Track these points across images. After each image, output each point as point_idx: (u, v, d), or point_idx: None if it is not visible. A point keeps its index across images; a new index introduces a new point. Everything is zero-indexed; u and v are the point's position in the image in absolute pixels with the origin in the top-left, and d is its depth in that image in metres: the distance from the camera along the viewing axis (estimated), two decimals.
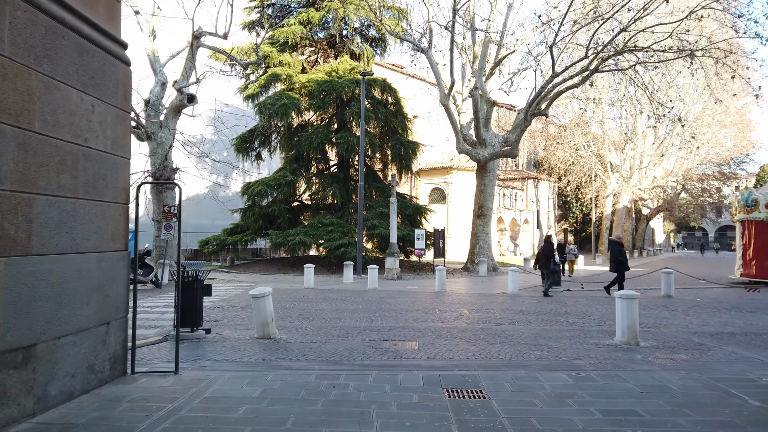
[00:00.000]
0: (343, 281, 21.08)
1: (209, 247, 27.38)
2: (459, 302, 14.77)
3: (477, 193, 27.56)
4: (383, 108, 27.81)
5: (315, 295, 16.11)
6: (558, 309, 13.48)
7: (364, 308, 13.26)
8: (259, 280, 22.10)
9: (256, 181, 27.42)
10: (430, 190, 44.10)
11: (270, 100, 26.00)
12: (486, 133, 26.17)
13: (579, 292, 18.24)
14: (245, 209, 27.57)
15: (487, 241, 27.22)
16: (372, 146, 26.92)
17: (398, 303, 14.37)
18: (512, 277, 17.66)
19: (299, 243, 24.42)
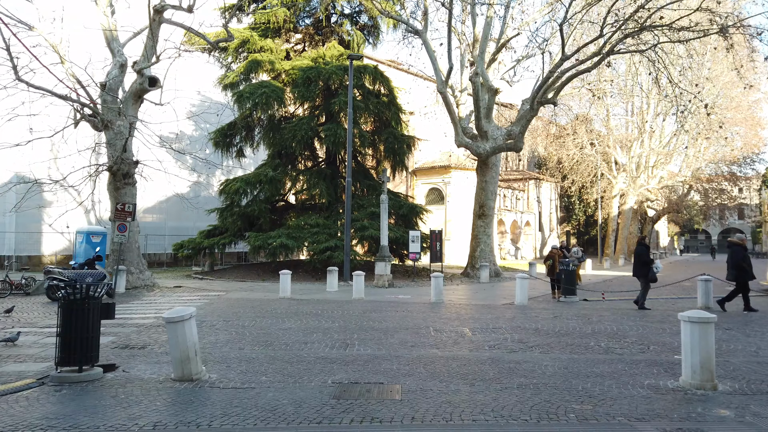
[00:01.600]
0: (326, 289, 18.35)
1: (184, 251, 24.63)
2: (458, 317, 12.02)
3: (477, 191, 24.85)
4: (374, 98, 25.13)
5: (287, 308, 13.36)
6: (582, 327, 10.74)
7: (341, 327, 10.52)
8: (232, 288, 19.36)
9: (234, 178, 24.72)
10: (427, 191, 41.41)
11: (249, 88, 23.31)
12: (488, 124, 23.48)
13: (599, 304, 15.50)
14: (223, 209, 24.86)
15: (489, 243, 24.49)
16: (362, 140, 24.20)
17: (385, 318, 11.63)
18: (521, 286, 14.94)
19: (280, 246, 21.69)
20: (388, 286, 19.56)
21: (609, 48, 19.90)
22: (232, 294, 17.20)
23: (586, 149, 43.38)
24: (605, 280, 25.50)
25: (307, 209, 25.60)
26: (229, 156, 26.98)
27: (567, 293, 16.07)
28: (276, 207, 26.63)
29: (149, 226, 31.50)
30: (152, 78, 18.17)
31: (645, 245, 14.98)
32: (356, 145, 24.97)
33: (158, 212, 32.38)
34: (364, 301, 15.37)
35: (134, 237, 18.24)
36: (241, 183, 23.75)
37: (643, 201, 49.90)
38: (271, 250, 22.06)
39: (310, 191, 23.85)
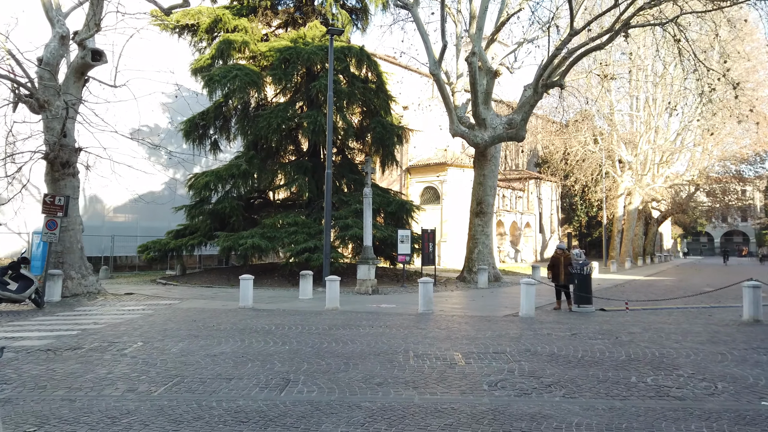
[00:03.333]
0: (298, 297, 15.63)
1: (149, 254, 21.88)
2: (449, 335, 9.29)
3: (475, 186, 22.14)
4: (361, 84, 22.44)
5: (236, 323, 10.64)
6: (612, 351, 8.01)
7: (291, 352, 7.80)
8: (192, 295, 16.62)
9: (203, 172, 22.01)
10: (422, 190, 38.70)
11: (220, 71, 20.61)
12: (486, 111, 20.79)
13: (621, 315, 12.76)
14: (191, 207, 22.14)
15: (487, 244, 21.78)
16: (347, 130, 21.46)
17: (354, 338, 8.90)
18: (526, 293, 12.22)
19: (252, 247, 18.97)
20: (371, 293, 16.84)
21: (624, 21, 17.25)
22: (186, 303, 14.47)
23: (590, 146, 40.70)
24: (616, 285, 22.79)
25: (286, 207, 22.89)
26: (202, 149, 24.25)
27: (581, 302, 13.35)
28: (253, 204, 23.93)
29: (119, 226, 28.79)
30: (96, 51, 15.50)
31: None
32: (340, 136, 22.27)
33: (130, 211, 29.66)
34: (338, 312, 12.65)
35: (75, 236, 15.51)
36: (211, 177, 21.03)
37: (649, 201, 47.27)
38: (241, 251, 19.36)
39: (289, 187, 21.12)
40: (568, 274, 13.57)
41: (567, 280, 13.62)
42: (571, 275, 13.63)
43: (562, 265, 13.74)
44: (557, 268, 13.86)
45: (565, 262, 13.67)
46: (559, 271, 13.77)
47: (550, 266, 14.35)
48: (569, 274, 13.56)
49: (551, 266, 14.21)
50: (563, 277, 13.66)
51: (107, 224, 27.93)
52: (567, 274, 13.59)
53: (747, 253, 79.13)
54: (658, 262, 51.08)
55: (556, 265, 13.90)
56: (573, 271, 13.60)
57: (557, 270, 13.85)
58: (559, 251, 14.10)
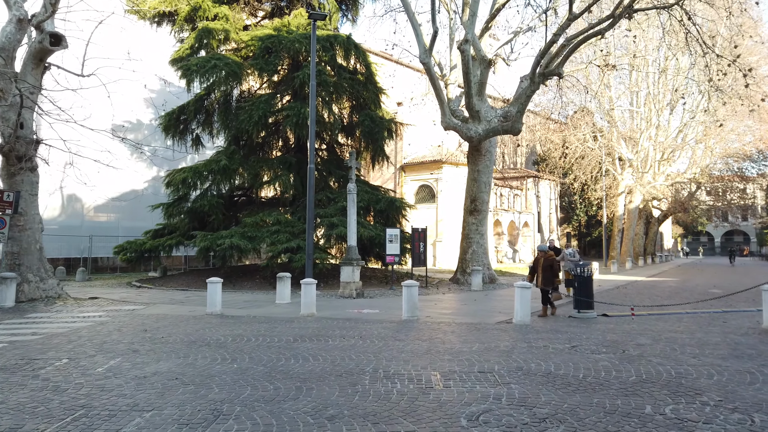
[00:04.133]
0: (275, 302, 14.38)
1: (125, 255, 20.61)
2: (430, 349, 8.03)
3: (469, 182, 20.89)
4: (348, 75, 21.18)
5: (192, 332, 9.38)
6: (620, 369, 6.75)
7: (238, 372, 6.54)
8: (163, 299, 15.37)
9: (181, 168, 20.74)
10: (417, 188, 37.45)
11: (198, 61, 19.34)
12: (480, 103, 19.53)
13: (626, 322, 11.49)
14: (169, 205, 20.88)
15: (482, 244, 20.52)
16: (333, 123, 20.16)
17: (319, 353, 7.65)
18: (521, 297, 10.96)
19: (230, 248, 17.71)
20: (356, 296, 15.57)
21: (626, 4, 16.00)
22: (150, 309, 13.21)
23: (589, 143, 39.43)
24: (618, 287, 21.53)
25: (271, 205, 21.62)
26: (183, 144, 22.97)
27: (582, 307, 12.08)
28: (236, 202, 22.68)
29: (100, 226, 27.55)
30: (54, 35, 14.22)
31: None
32: (327, 130, 20.99)
33: (112, 211, 28.43)
34: (313, 319, 11.39)
35: (33, 236, 14.23)
36: (189, 173, 19.77)
37: (650, 200, 46.00)
38: (219, 252, 18.08)
39: (272, 183, 19.84)
40: (550, 278, 12.09)
41: (545, 284, 12.12)
42: (572, 278, 12.37)
43: (540, 268, 12.28)
44: (536, 271, 12.46)
45: (545, 264, 12.17)
46: (538, 274, 12.32)
47: (530, 270, 12.91)
48: (551, 278, 12.09)
49: (531, 270, 12.81)
50: (540, 281, 12.19)
51: (86, 224, 26.67)
52: (547, 277, 12.09)
53: (749, 253, 77.86)
54: (659, 262, 49.83)
55: (535, 268, 12.53)
56: (573, 272, 12.34)
57: (536, 273, 12.43)
58: (540, 253, 12.60)
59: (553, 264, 12.20)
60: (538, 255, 12.64)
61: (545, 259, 12.27)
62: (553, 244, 17.26)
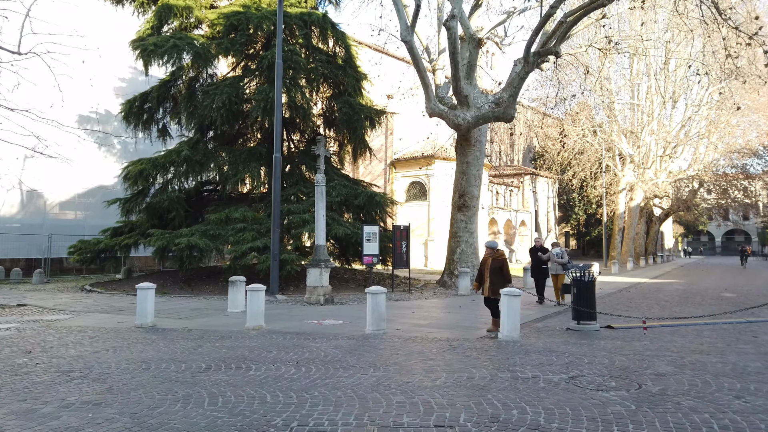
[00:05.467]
0: (227, 310, 12.34)
1: (80, 255, 18.54)
2: (381, 382, 5.98)
3: (457, 175, 18.85)
4: (324, 57, 19.14)
5: (85, 355, 7.35)
6: (637, 418, 4.70)
7: (89, 425, 4.49)
8: (103, 306, 13.34)
9: (138, 159, 18.66)
10: (408, 185, 35.40)
11: (156, 40, 17.29)
12: (469, 87, 17.50)
13: (638, 337, 9.43)
14: (126, 201, 18.86)
15: (472, 243, 18.47)
16: (306, 109, 18.03)
17: (229, 388, 5.62)
18: (509, 307, 8.89)
19: (188, 247, 15.68)
20: (324, 303, 13.52)
21: None
22: (76, 319, 11.17)
23: (588, 137, 37.38)
24: (620, 290, 19.51)
25: (242, 201, 19.56)
26: (148, 135, 20.93)
27: (582, 318, 10.04)
28: (204, 198, 20.63)
29: (65, 224, 25.48)
30: None
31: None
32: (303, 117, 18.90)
33: (78, 208, 26.39)
34: (257, 333, 9.35)
35: None
36: (147, 165, 17.72)
37: (651, 198, 43.96)
38: (177, 252, 16.04)
39: (239, 177, 17.78)
40: (501, 284, 9.24)
41: (494, 292, 9.32)
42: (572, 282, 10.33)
43: (488, 272, 9.47)
44: (483, 275, 9.65)
45: (493, 266, 9.42)
46: (484, 279, 9.53)
47: (477, 274, 9.99)
48: (501, 284, 9.24)
49: (478, 274, 9.91)
50: (488, 288, 9.42)
51: (49, 222, 24.62)
52: (497, 283, 9.31)
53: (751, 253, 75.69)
54: (661, 263, 47.77)
55: (482, 272, 9.70)
56: (574, 275, 10.29)
57: (483, 278, 9.62)
58: (487, 252, 9.70)
59: (503, 266, 9.46)
60: (485, 255, 9.76)
61: (494, 260, 9.50)
62: (539, 242, 14.91)
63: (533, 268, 14.49)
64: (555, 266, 13.85)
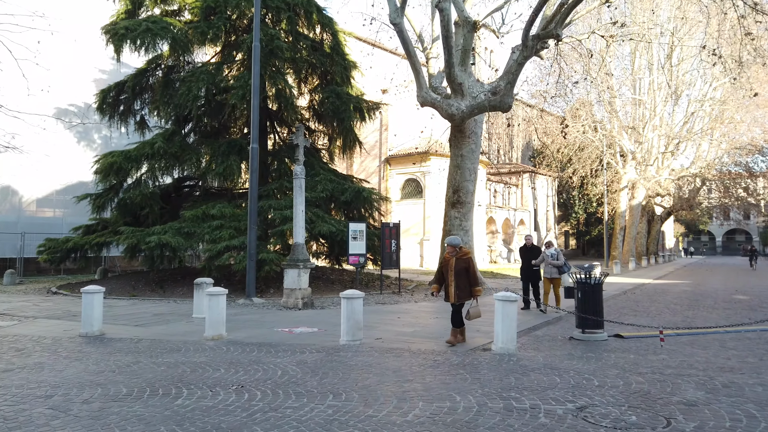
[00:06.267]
0: (192, 315, 11.06)
1: (47, 255, 17.25)
2: (337, 417, 4.71)
3: (451, 169, 17.57)
4: (309, 42, 17.86)
5: None
6: None
7: None
8: (59, 312, 12.06)
9: (110, 152, 17.38)
10: (403, 182, 34.11)
11: (127, 24, 16.01)
12: (463, 74, 16.21)
13: (653, 349, 8.15)
14: (97, 196, 17.59)
15: (467, 242, 17.16)
16: (288, 98, 16.69)
17: (133, 420, 4.35)
18: (503, 315, 7.61)
19: (159, 246, 14.40)
20: (302, 307, 12.24)
21: None
22: (22, 326, 9.91)
23: (589, 133, 36.09)
24: (625, 291, 18.25)
25: (222, 197, 18.28)
26: (125, 126, 19.65)
27: (588, 326, 8.77)
28: (182, 194, 19.36)
29: (43, 222, 24.17)
30: None
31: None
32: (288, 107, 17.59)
33: (56, 205, 25.07)
34: (214, 344, 8.07)
35: None
36: (118, 158, 16.44)
37: (652, 196, 42.67)
38: (147, 251, 14.78)
39: (216, 170, 16.48)
40: (466, 288, 7.92)
41: (459, 296, 7.92)
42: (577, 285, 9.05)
43: (451, 273, 7.96)
44: (443, 277, 8.18)
45: (458, 267, 7.90)
46: (448, 283, 8.02)
47: (436, 276, 8.49)
48: (467, 288, 7.92)
49: (437, 275, 8.42)
50: (453, 293, 7.94)
51: (24, 220, 23.32)
52: (462, 287, 7.90)
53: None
54: (662, 263, 46.46)
55: (442, 274, 8.23)
56: (579, 279, 9.02)
57: (446, 282, 8.10)
58: (449, 250, 8.21)
59: (470, 267, 8.02)
60: (446, 254, 8.27)
61: (458, 260, 7.97)
62: (529, 240, 12.76)
63: (523, 270, 12.51)
64: (549, 269, 11.90)
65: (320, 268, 19.63)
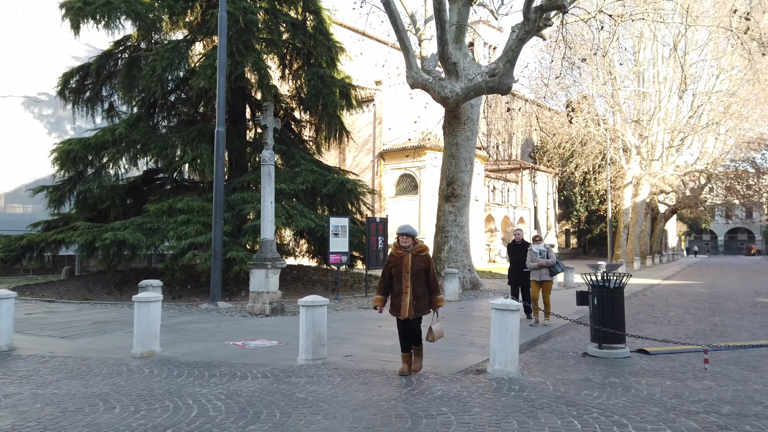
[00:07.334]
0: None
1: (4, 253, 15.52)
2: None
3: (445, 159, 15.89)
4: (288, 19, 16.15)
5: None
6: None
7: None
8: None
9: (68, 140, 15.67)
10: (397, 178, 32.39)
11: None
12: (458, 53, 14.53)
13: (691, 368, 6.44)
14: (54, 189, 15.89)
15: (462, 239, 15.51)
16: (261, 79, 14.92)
17: None
18: (501, 328, 5.90)
19: (114, 244, 12.71)
20: (270, 313, 10.52)
21: None
22: None
23: (591, 127, 34.38)
24: (635, 293, 16.57)
25: (190, 188, 16.59)
26: (92, 113, 17.93)
27: (606, 340, 7.07)
28: (152, 186, 17.65)
29: (12, 219, 22.41)
30: None
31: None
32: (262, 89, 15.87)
33: (27, 201, 23.28)
34: (137, 365, 6.37)
35: None
36: (76, 146, 14.74)
37: (656, 194, 40.96)
38: (102, 249, 13.09)
39: (184, 160, 14.77)
40: (425, 297, 5.76)
41: (418, 308, 5.71)
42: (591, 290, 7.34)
43: (407, 276, 5.69)
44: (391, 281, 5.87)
45: (415, 267, 5.69)
46: (402, 290, 5.70)
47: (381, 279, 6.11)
48: (426, 297, 5.76)
49: (383, 279, 6.04)
50: (409, 304, 5.66)
51: None
52: (421, 296, 5.72)
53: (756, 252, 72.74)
54: (667, 262, 44.75)
55: (390, 277, 5.87)
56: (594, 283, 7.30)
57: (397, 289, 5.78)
58: (402, 240, 5.81)
59: (430, 267, 5.81)
60: (394, 248, 5.86)
61: (415, 258, 5.71)
62: (520, 236, 10.48)
63: (512, 271, 10.35)
64: (538, 269, 9.62)
65: (302, 268, 17.94)
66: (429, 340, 5.87)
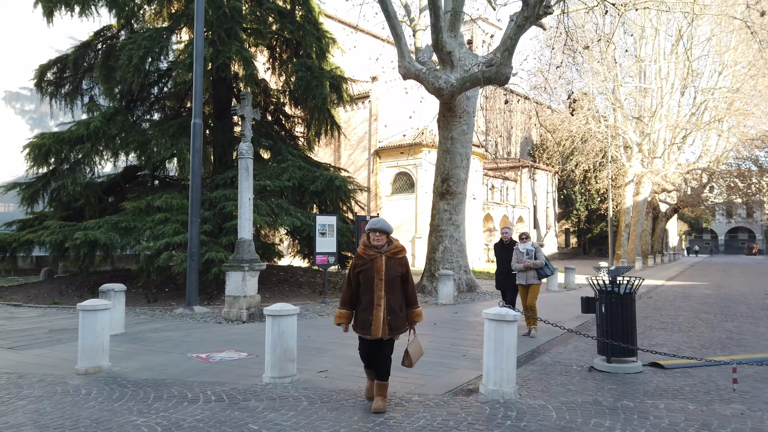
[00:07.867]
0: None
1: None
2: None
3: (440, 154, 15.02)
4: (273, 6, 15.27)
5: None
6: None
7: None
8: None
9: (41, 134, 14.79)
10: (393, 176, 31.51)
11: None
12: (453, 41, 13.67)
13: (715, 387, 5.57)
14: (27, 185, 15.02)
15: (457, 238, 14.65)
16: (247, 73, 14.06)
17: None
18: (496, 340, 5.05)
19: (85, 244, 11.85)
20: (247, 319, 9.66)
21: None
22: None
23: (592, 124, 33.51)
24: (640, 296, 15.63)
25: (171, 185, 15.73)
26: (72, 107, 17.07)
27: (616, 353, 6.21)
28: (133, 183, 16.78)
29: None
30: None
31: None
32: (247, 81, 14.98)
33: (8, 200, 22.26)
34: (79, 383, 5.52)
35: None
36: (49, 140, 13.88)
37: (658, 192, 40.10)
38: (73, 249, 12.24)
39: (162, 155, 13.89)
40: (400, 311, 4.60)
41: (394, 326, 4.55)
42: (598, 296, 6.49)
43: (381, 284, 4.49)
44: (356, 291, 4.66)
45: (390, 273, 4.51)
46: (374, 301, 4.50)
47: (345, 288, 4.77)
48: (401, 312, 4.61)
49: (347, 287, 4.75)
50: (384, 321, 4.49)
51: None
52: (396, 310, 4.55)
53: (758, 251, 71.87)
54: (668, 262, 43.93)
55: (357, 285, 4.66)
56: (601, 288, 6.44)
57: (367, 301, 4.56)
58: (375, 237, 4.60)
59: (407, 274, 4.66)
60: (362, 247, 4.68)
61: (390, 260, 4.56)
62: (508, 235, 9.10)
63: (498, 274, 9.11)
64: (524, 272, 8.45)
65: (291, 269, 17.11)
66: (406, 365, 4.78)
